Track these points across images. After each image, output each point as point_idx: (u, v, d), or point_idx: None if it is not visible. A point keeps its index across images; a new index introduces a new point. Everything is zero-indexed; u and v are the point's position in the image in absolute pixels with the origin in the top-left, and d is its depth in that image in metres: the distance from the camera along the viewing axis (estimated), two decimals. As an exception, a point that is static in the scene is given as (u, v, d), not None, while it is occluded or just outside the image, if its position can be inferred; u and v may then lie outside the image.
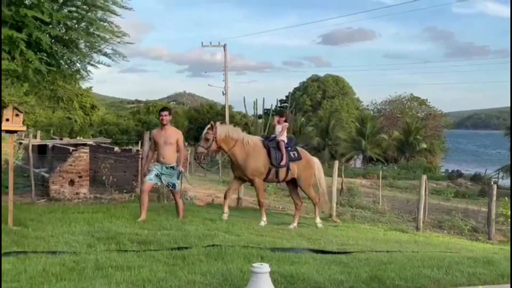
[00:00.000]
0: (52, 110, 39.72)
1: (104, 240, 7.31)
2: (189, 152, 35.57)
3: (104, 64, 10.46)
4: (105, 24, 9.82)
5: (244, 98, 39.72)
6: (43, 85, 11.38)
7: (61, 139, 27.30)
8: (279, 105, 53.73)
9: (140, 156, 14.80)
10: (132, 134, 34.83)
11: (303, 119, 59.16)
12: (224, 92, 41.41)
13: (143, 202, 9.11)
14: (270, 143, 10.03)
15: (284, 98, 63.44)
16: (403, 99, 64.45)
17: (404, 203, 21.16)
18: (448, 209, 19.11)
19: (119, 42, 10.33)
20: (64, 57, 9.89)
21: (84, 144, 15.96)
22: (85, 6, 9.38)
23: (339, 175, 18.06)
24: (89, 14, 9.48)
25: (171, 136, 9.18)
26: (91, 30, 9.80)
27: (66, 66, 10.25)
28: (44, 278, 5.09)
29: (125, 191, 14.63)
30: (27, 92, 34.88)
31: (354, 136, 51.77)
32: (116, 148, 19.21)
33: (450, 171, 49.60)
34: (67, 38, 9.49)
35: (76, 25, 9.59)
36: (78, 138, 29.78)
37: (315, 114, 61.39)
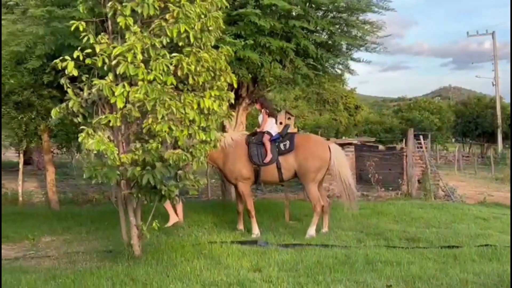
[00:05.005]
0: (319, 112, 42.01)
1: (373, 236, 7.54)
2: (456, 148, 33.98)
3: (365, 62, 10.81)
4: (366, 26, 10.09)
5: (517, 87, 36.24)
6: (311, 90, 12.17)
7: (327, 139, 28.64)
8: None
9: (405, 154, 14.77)
10: (396, 132, 34.50)
11: None
12: (494, 83, 39.06)
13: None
14: (253, 138, 8.26)
15: None
16: None
17: None
18: None
19: (377, 38, 10.52)
20: (329, 61, 10.48)
21: (350, 144, 16.45)
22: (347, 11, 9.78)
23: None
24: (351, 17, 9.86)
25: None
26: (353, 32, 10.17)
27: (331, 69, 10.83)
28: (319, 269, 5.49)
29: (390, 188, 14.73)
30: (296, 97, 37.76)
31: None
32: (381, 147, 19.52)
33: None
34: (330, 43, 10.03)
35: (339, 30, 10.06)
36: (343, 138, 30.88)
37: None
